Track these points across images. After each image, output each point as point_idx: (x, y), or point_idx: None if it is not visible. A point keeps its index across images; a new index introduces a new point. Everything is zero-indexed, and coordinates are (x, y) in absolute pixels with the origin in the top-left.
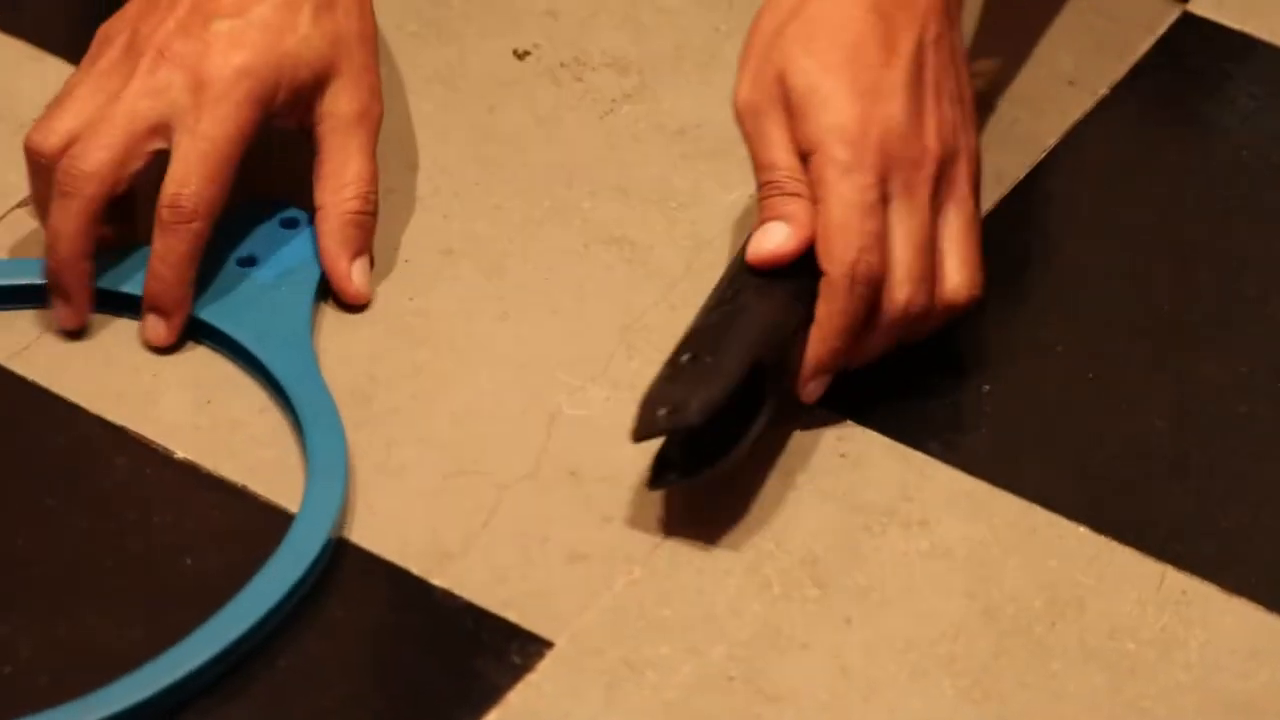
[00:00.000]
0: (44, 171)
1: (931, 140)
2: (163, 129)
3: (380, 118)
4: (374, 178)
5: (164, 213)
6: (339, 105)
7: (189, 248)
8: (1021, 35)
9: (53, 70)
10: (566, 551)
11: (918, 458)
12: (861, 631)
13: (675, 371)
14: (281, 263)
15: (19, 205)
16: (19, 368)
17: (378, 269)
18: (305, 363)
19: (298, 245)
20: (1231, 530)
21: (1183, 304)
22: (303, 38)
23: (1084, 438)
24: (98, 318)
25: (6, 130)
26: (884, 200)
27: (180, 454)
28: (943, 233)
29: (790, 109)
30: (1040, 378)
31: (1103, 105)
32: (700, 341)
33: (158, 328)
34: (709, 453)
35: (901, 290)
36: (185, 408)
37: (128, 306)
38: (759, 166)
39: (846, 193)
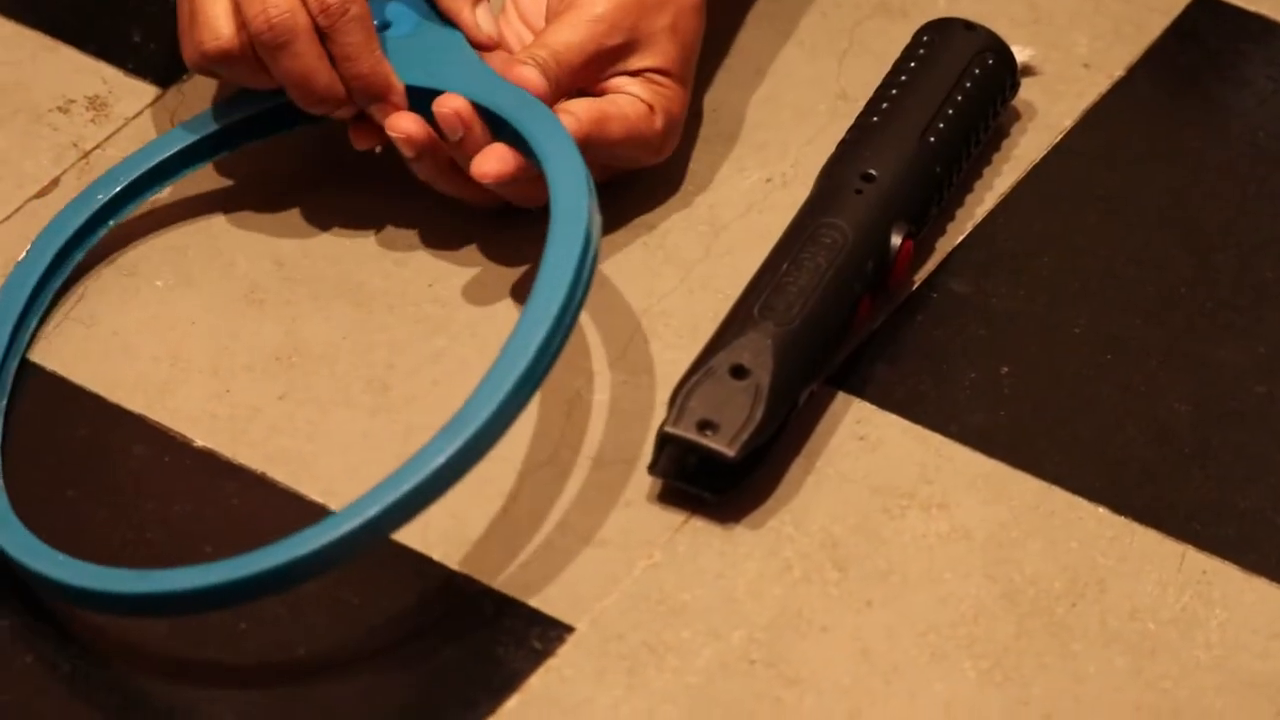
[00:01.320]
0: (237, 61)
1: None
2: None
3: None
4: None
5: (319, 19)
6: None
7: (365, 30)
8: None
9: (68, 61)
10: (586, 536)
11: (936, 440)
12: (882, 614)
13: (720, 360)
14: (409, 19)
15: (37, 196)
16: (37, 357)
17: (393, 260)
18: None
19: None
20: (1251, 511)
21: (1201, 287)
22: None
23: (1103, 420)
24: (116, 302)
25: (25, 120)
26: None
27: (199, 442)
28: None
29: (632, 70)
30: (1059, 360)
31: (1118, 88)
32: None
33: (402, 118)
34: (721, 469)
35: None
36: (203, 396)
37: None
38: (550, 48)
39: None
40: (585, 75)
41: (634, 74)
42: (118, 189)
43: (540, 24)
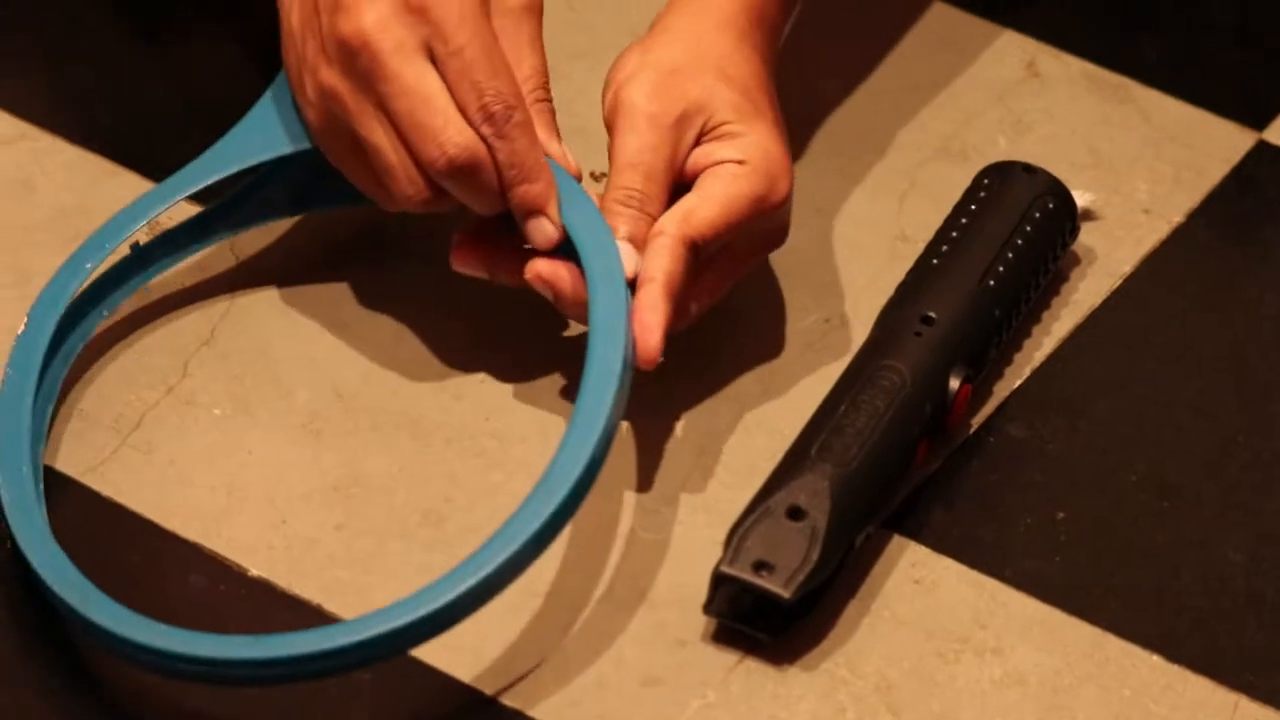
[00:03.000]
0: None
1: None
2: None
3: (543, 7)
4: (546, 67)
5: (484, 128)
6: None
7: (529, 137)
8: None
9: (129, 186)
10: (640, 675)
11: (991, 584)
12: None
13: (777, 501)
14: None
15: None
16: (94, 483)
17: (451, 394)
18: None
19: None
20: None
21: (1256, 436)
22: None
23: (1158, 567)
24: (173, 430)
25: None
26: None
27: (254, 572)
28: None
29: (707, 134)
30: (1114, 506)
31: (1178, 234)
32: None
33: (545, 227)
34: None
35: None
36: (259, 526)
37: None
38: (634, 170)
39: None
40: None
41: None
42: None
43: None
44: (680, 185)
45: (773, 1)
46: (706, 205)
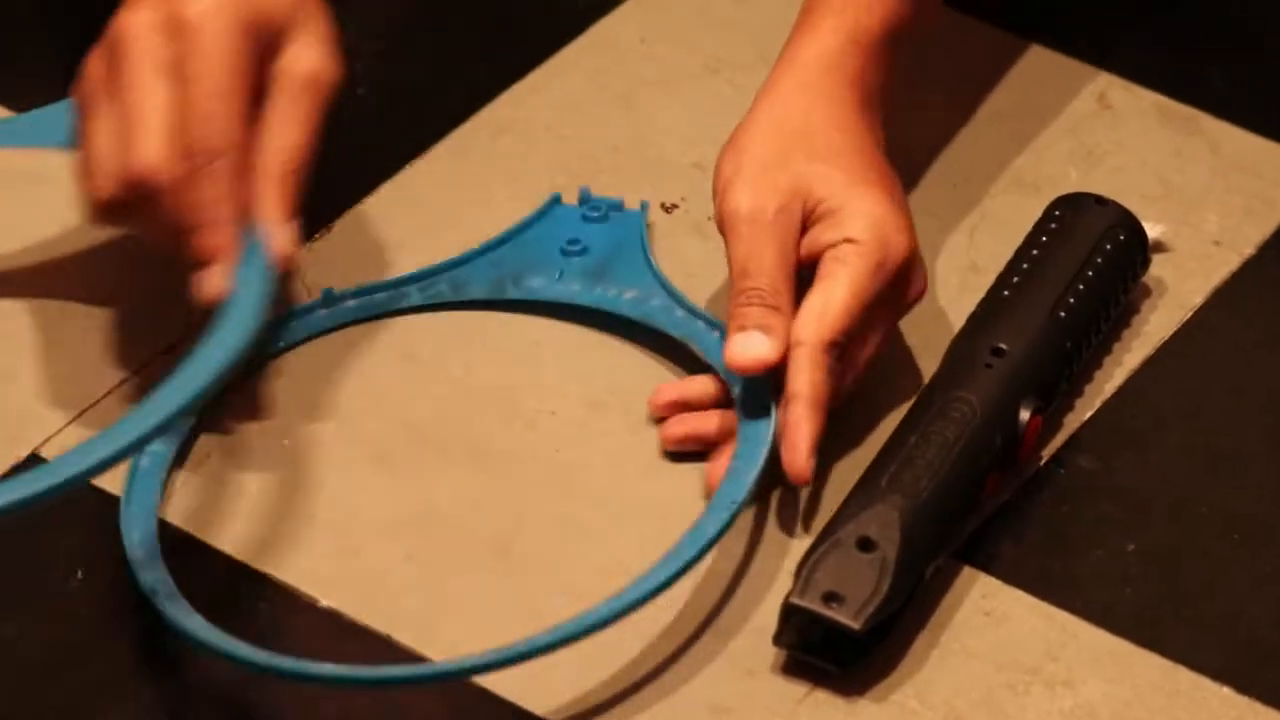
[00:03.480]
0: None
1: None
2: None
3: (333, 86)
4: (310, 146)
5: (184, 162)
6: (298, 63)
7: (224, 188)
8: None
9: None
10: (709, 705)
11: (1062, 616)
12: None
13: (848, 532)
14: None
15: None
16: (165, 514)
17: (523, 423)
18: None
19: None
20: None
21: None
22: None
23: (1229, 600)
24: (243, 461)
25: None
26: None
27: (324, 602)
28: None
29: (810, 217)
30: (1185, 538)
31: (1249, 265)
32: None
33: (212, 281)
34: (846, 642)
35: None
36: (329, 556)
37: None
38: (747, 273)
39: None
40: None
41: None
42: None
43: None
44: (804, 278)
45: (869, 53)
46: (834, 299)
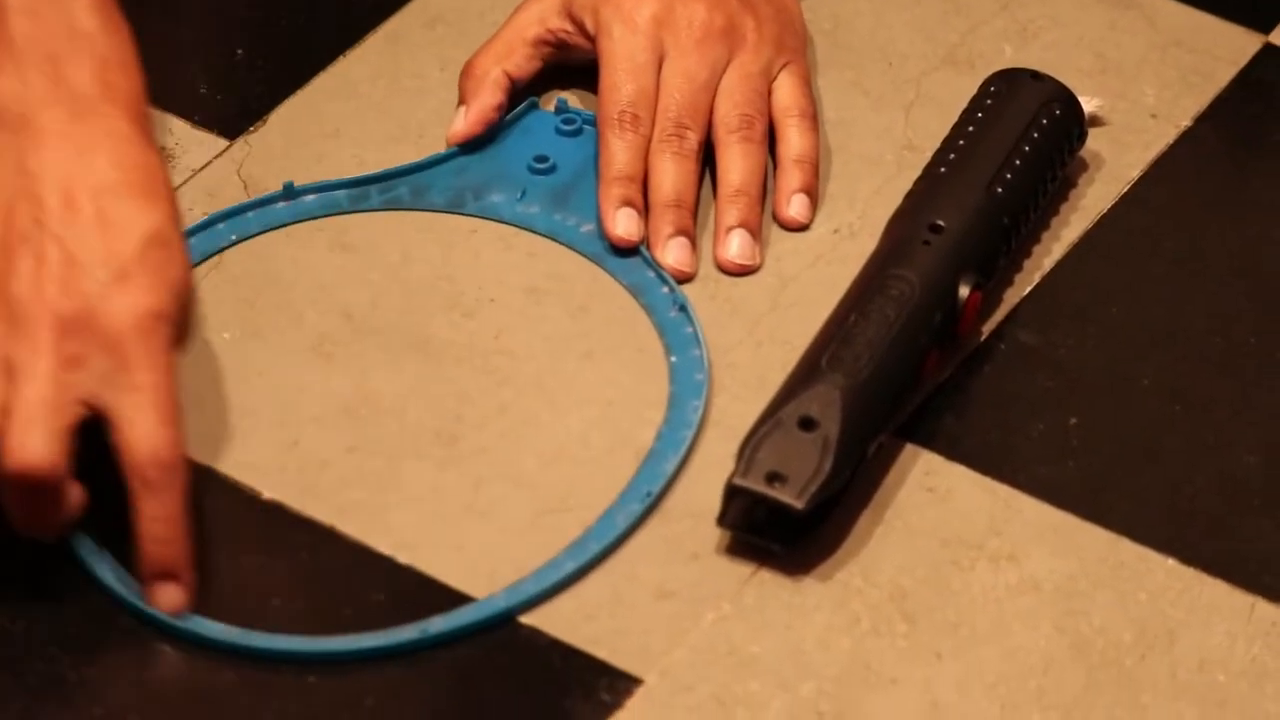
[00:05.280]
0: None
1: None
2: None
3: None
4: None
5: (149, 473)
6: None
7: (182, 500)
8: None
9: None
10: (654, 588)
11: (1005, 491)
12: (951, 666)
13: (789, 412)
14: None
15: None
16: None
17: (461, 311)
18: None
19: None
20: None
21: (1269, 337)
22: (183, 264)
23: (1172, 471)
24: (182, 355)
25: None
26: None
27: (267, 495)
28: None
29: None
30: (1127, 411)
31: (1185, 138)
32: (813, 389)
33: (174, 594)
34: (790, 521)
35: None
36: (271, 449)
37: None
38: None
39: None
40: None
41: None
42: None
43: None
44: None
45: None
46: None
